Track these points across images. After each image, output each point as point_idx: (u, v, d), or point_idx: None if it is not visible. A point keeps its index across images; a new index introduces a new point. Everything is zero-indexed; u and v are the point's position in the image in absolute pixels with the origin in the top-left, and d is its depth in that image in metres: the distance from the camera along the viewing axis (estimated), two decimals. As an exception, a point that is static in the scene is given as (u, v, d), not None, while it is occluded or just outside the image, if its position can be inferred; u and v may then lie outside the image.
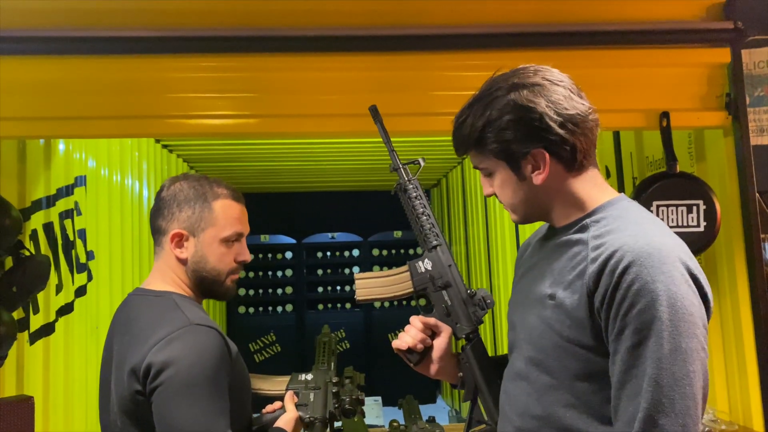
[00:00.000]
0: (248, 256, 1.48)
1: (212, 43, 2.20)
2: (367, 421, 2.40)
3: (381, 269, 6.83)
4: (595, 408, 1.07)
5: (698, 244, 2.19)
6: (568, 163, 1.13)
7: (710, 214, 2.22)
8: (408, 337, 1.31)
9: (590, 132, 1.14)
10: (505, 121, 1.11)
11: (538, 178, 1.13)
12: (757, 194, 2.24)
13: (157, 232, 1.45)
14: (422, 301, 1.39)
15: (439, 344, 1.31)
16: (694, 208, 2.22)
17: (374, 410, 5.00)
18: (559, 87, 1.12)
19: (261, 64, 2.24)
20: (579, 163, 1.14)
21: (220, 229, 1.42)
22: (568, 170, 1.14)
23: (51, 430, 2.60)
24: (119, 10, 2.20)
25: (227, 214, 1.44)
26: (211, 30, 2.21)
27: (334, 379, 1.63)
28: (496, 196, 1.22)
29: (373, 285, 1.43)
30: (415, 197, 1.41)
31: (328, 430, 1.57)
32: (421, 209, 1.40)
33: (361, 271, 6.68)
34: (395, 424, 2.31)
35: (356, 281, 1.44)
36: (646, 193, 2.24)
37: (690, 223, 2.21)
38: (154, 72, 2.22)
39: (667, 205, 2.22)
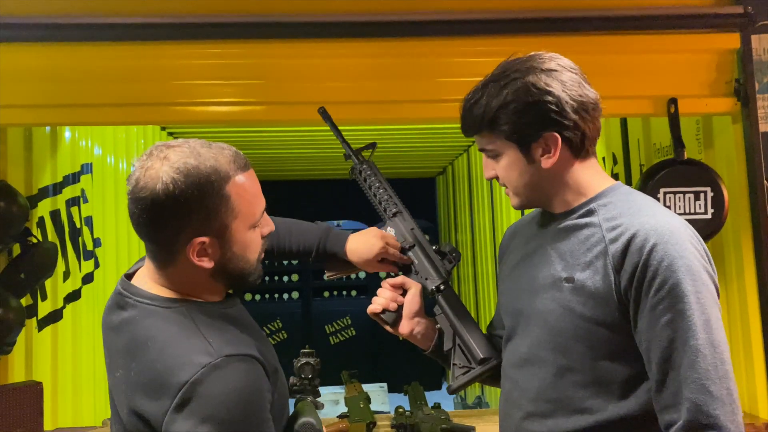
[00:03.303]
0: (273, 225, 1.20)
1: (218, 29, 2.19)
2: (373, 407, 2.41)
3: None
4: (614, 386, 1.10)
5: (706, 231, 2.17)
6: (576, 149, 1.16)
7: (718, 202, 2.20)
8: (381, 299, 1.38)
9: (597, 120, 1.17)
10: (521, 103, 1.12)
11: (547, 162, 1.15)
12: (765, 181, 2.22)
13: (156, 243, 1.15)
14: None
15: (409, 300, 1.37)
16: (702, 195, 2.20)
17: (380, 396, 5.03)
18: (572, 74, 1.14)
19: (267, 51, 2.23)
20: (586, 150, 1.17)
21: (245, 217, 1.11)
22: (575, 156, 1.16)
23: (59, 416, 2.62)
24: (124, -4, 2.20)
25: (247, 196, 1.13)
26: (217, 16, 2.20)
27: None
28: (497, 180, 1.23)
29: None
30: (369, 175, 1.48)
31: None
32: (377, 184, 1.47)
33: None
34: (401, 410, 2.31)
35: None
36: (654, 180, 2.22)
37: (697, 211, 2.19)
38: (160, 59, 2.21)
39: (675, 193, 2.21)
